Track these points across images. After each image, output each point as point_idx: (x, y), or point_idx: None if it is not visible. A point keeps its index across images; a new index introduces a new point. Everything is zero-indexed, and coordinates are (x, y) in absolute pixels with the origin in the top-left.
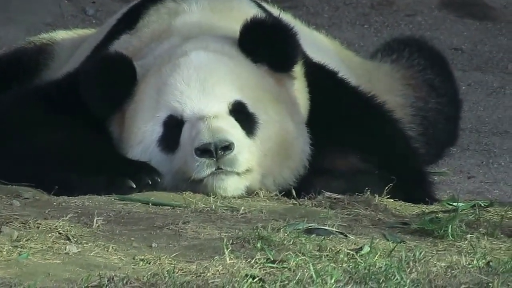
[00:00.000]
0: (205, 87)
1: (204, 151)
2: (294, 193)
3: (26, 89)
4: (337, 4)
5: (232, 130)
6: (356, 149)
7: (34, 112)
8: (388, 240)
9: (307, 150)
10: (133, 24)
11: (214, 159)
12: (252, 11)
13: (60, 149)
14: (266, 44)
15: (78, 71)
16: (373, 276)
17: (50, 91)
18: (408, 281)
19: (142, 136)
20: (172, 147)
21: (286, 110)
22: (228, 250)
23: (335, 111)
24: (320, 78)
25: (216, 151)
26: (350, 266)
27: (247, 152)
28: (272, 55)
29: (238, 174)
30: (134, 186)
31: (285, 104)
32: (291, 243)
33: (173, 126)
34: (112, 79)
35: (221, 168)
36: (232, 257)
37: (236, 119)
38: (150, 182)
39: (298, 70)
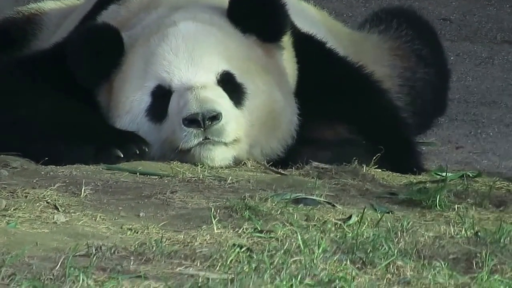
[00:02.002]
0: (193, 57)
1: (192, 121)
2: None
3: (13, 58)
4: None
5: (220, 100)
6: (343, 119)
7: (20, 82)
8: (375, 210)
9: (294, 121)
10: None
11: (202, 129)
12: None
13: (47, 118)
14: (254, 15)
15: (65, 41)
16: (360, 246)
17: (37, 61)
18: (395, 251)
19: (129, 106)
20: (160, 117)
21: (274, 81)
22: (216, 219)
23: (323, 81)
24: (309, 49)
25: (204, 121)
26: (338, 236)
27: (234, 122)
28: (260, 26)
29: (225, 144)
30: (122, 156)
31: (273, 74)
32: (278, 213)
33: (161, 96)
34: (98, 50)
35: (209, 138)
36: (219, 227)
37: (224, 90)
38: (138, 152)
39: (286, 40)
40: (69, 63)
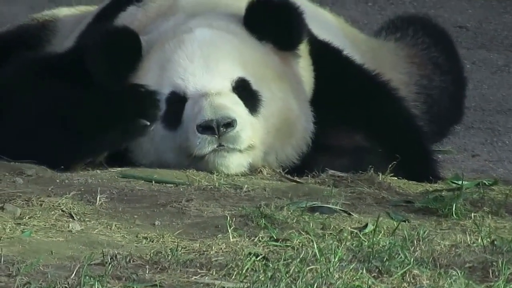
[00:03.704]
0: (208, 63)
1: (206, 127)
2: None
3: (28, 59)
4: None
5: (235, 107)
6: (360, 126)
7: (37, 83)
8: (392, 218)
9: (310, 128)
10: None
11: (216, 136)
12: None
13: (68, 116)
14: (271, 22)
15: (83, 42)
16: (376, 255)
17: (52, 61)
18: (412, 259)
19: None
20: (174, 124)
21: (290, 88)
22: (232, 228)
23: (340, 89)
24: (325, 56)
25: (218, 128)
26: (354, 245)
27: (249, 129)
28: (277, 34)
29: (240, 151)
30: (148, 123)
31: (289, 82)
32: (294, 221)
33: (176, 103)
34: (118, 53)
35: (223, 145)
36: (235, 235)
37: (239, 96)
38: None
39: (303, 48)
40: (88, 64)
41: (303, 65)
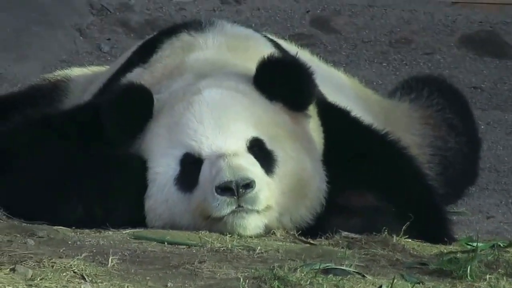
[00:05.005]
0: (219, 124)
1: (225, 189)
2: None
3: (37, 118)
4: (355, 42)
5: (252, 168)
6: (371, 186)
7: (45, 142)
8: (406, 280)
9: (323, 188)
10: (147, 58)
11: (235, 197)
12: (268, 51)
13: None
14: (281, 82)
15: (91, 102)
16: None
17: (62, 120)
18: None
19: (155, 175)
20: (190, 186)
21: (303, 148)
22: None
23: (349, 149)
24: (334, 117)
25: (238, 189)
26: None
27: (267, 190)
28: (287, 94)
29: (258, 212)
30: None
31: (301, 141)
32: (308, 283)
33: (191, 164)
34: (131, 108)
35: (242, 206)
36: None
37: (255, 156)
38: None
39: (312, 109)
40: (102, 118)
41: (313, 126)
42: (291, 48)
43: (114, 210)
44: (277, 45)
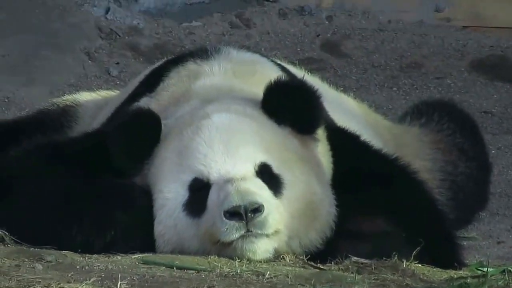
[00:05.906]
0: (228, 148)
1: (234, 213)
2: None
3: (46, 145)
4: (365, 67)
5: (261, 192)
6: (382, 211)
7: (52, 169)
8: None
9: (333, 212)
10: (153, 87)
11: (244, 221)
12: (275, 75)
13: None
14: (289, 106)
15: (98, 129)
16: None
17: (70, 147)
18: None
19: (164, 201)
20: (198, 211)
21: (312, 171)
22: None
23: (359, 173)
24: (343, 142)
25: (246, 213)
26: None
27: (276, 214)
28: (295, 118)
29: (267, 236)
30: None
31: (310, 165)
32: None
33: (199, 189)
34: (140, 133)
35: (251, 231)
36: None
37: (263, 180)
38: None
39: (320, 133)
40: (109, 144)
41: (321, 150)
42: (299, 72)
43: (113, 242)
44: (284, 69)
